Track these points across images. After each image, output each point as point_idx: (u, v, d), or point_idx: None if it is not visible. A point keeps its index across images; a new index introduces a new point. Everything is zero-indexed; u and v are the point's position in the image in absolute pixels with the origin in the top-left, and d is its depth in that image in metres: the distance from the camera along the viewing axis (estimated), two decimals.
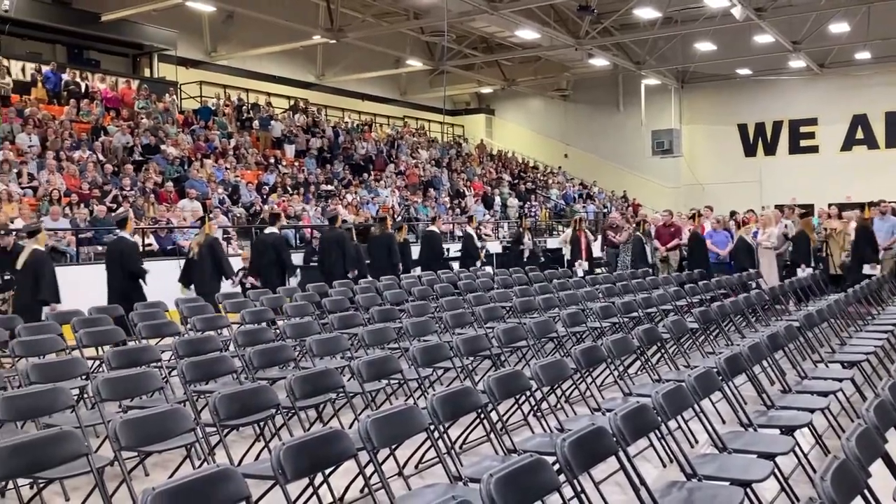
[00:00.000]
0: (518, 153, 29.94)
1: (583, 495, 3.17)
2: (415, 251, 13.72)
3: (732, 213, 14.60)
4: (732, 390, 4.82)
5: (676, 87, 28.54)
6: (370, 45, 23.47)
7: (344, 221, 12.97)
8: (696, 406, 4.26)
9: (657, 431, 4.14)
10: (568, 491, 3.14)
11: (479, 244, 14.91)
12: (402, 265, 12.19)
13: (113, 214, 12.09)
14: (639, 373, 6.95)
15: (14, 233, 9.87)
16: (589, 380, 5.57)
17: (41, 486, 4.30)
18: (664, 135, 27.47)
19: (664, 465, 4.87)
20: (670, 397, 3.97)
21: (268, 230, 11.16)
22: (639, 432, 3.72)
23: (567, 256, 13.77)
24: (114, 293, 9.03)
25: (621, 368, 6.05)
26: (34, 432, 3.99)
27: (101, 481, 3.55)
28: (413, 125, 28.90)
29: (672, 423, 4.31)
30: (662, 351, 6.84)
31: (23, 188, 13.03)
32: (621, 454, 3.43)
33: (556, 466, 3.11)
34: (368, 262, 12.17)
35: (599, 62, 25.41)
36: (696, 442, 5.19)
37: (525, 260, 14.65)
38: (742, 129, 27.94)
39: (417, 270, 12.95)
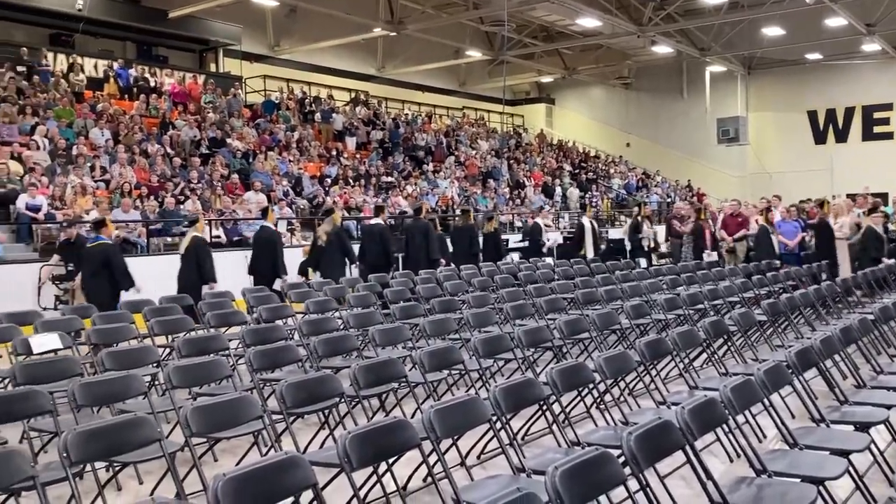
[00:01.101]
0: (579, 143, 29.63)
1: (648, 489, 3.13)
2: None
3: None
4: (803, 385, 4.69)
5: (743, 73, 27.80)
6: (430, 37, 23.50)
7: (430, 211, 13.16)
8: (765, 400, 4.16)
9: (725, 426, 4.06)
10: (633, 484, 3.10)
11: (547, 236, 14.54)
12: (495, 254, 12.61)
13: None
14: (704, 366, 6.81)
15: (76, 225, 10.25)
16: (653, 372, 5.48)
17: (117, 469, 4.45)
18: (730, 122, 26.81)
19: (731, 461, 4.77)
20: (739, 391, 3.88)
21: (373, 221, 11.58)
22: (706, 426, 3.65)
23: (629, 248, 13.53)
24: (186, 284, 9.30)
25: (686, 361, 5.94)
26: (109, 418, 4.13)
27: (172, 466, 3.66)
28: (472, 116, 28.85)
29: (740, 418, 4.21)
30: (729, 344, 6.69)
31: (96, 181, 13.47)
32: (688, 448, 3.37)
33: (621, 459, 3.08)
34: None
35: (663, 49, 24.92)
36: (765, 437, 5.07)
37: (647, 250, 13.44)
38: (812, 115, 27.08)
39: (515, 257, 13.16)
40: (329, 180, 17.54)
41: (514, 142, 27.05)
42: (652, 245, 13.70)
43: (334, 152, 19.52)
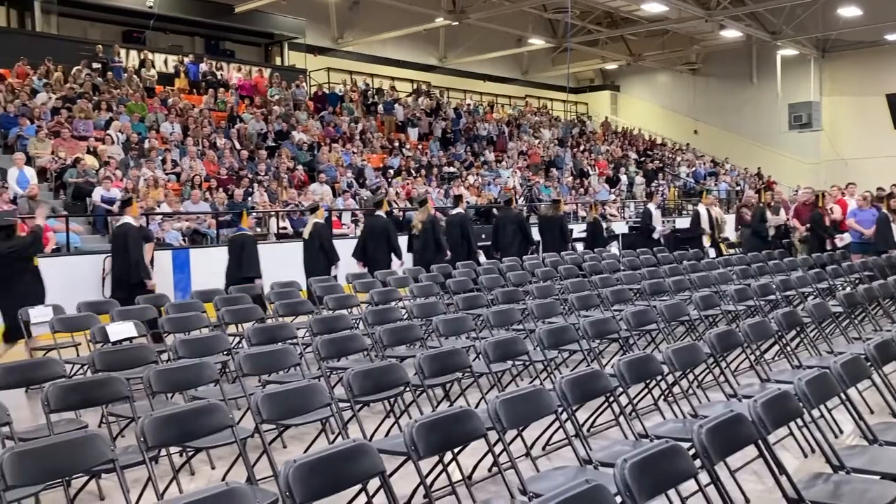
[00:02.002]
0: (644, 130, 29.13)
1: (719, 483, 3.06)
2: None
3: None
4: (883, 378, 4.53)
5: (816, 56, 26.86)
6: (492, 26, 23.39)
7: (511, 202, 13.33)
8: (842, 394, 4.02)
9: (799, 420, 3.94)
10: (703, 478, 3.04)
11: (660, 227, 14.00)
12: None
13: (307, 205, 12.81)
14: (776, 358, 6.64)
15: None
16: (723, 365, 5.36)
17: (190, 454, 4.58)
18: (802, 108, 25.99)
19: (805, 456, 4.63)
20: (814, 384, 3.76)
21: (454, 211, 11.81)
22: (780, 420, 3.55)
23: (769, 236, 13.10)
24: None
25: (758, 353, 5.79)
26: (183, 404, 4.25)
27: (244, 451, 3.74)
28: (535, 104, 28.63)
29: (815, 412, 4.09)
30: (802, 336, 6.50)
31: (167, 174, 13.86)
32: (761, 442, 3.29)
33: (691, 452, 3.02)
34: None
35: (731, 33, 24.28)
36: (841, 432, 4.91)
37: (770, 240, 12.38)
38: (891, 99, 25.98)
39: (579, 247, 13.16)
40: (392, 171, 17.65)
41: (577, 130, 26.75)
42: (773, 234, 12.74)
43: (396, 143, 19.64)
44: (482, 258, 11.56)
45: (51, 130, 13.73)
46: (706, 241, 12.87)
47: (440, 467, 3.82)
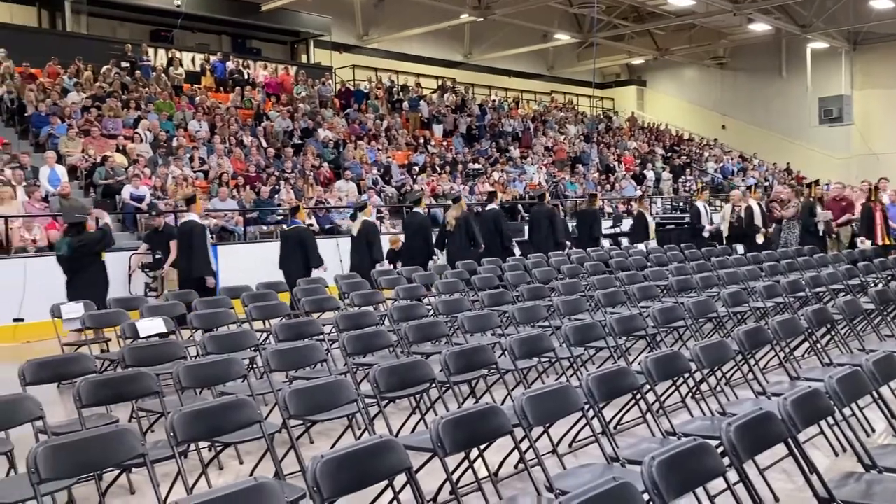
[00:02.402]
0: (672, 125, 28.87)
1: (748, 482, 3.03)
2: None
3: None
4: None
5: (847, 49, 26.42)
6: (517, 21, 23.31)
7: (545, 196, 13.38)
8: (874, 393, 3.96)
9: (830, 418, 3.89)
10: (732, 476, 3.01)
11: (709, 225, 13.68)
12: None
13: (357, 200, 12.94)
14: (806, 356, 6.56)
15: (163, 213, 10.68)
16: (752, 362, 5.31)
17: (218, 449, 4.62)
18: (833, 102, 25.59)
19: (836, 455, 4.58)
20: (846, 382, 3.71)
21: (488, 207, 11.98)
22: (810, 419, 3.51)
23: (726, 233, 13.06)
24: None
25: (787, 351, 5.73)
26: (211, 399, 4.29)
27: (271, 447, 3.77)
28: (560, 100, 28.49)
29: (846, 411, 4.03)
30: (833, 333, 6.41)
31: (195, 171, 13.99)
32: (791, 441, 3.25)
33: (720, 450, 2.99)
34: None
35: (760, 27, 23.96)
36: (873, 431, 4.84)
37: (822, 235, 12.12)
38: None
39: (606, 243, 13.19)
40: (416, 168, 17.67)
41: (603, 125, 26.58)
42: (825, 229, 12.47)
43: (421, 140, 19.66)
44: (517, 252, 11.63)
45: (81, 129, 13.92)
46: (760, 238, 12.66)
47: (466, 464, 3.82)
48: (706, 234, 13.27)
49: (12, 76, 15.15)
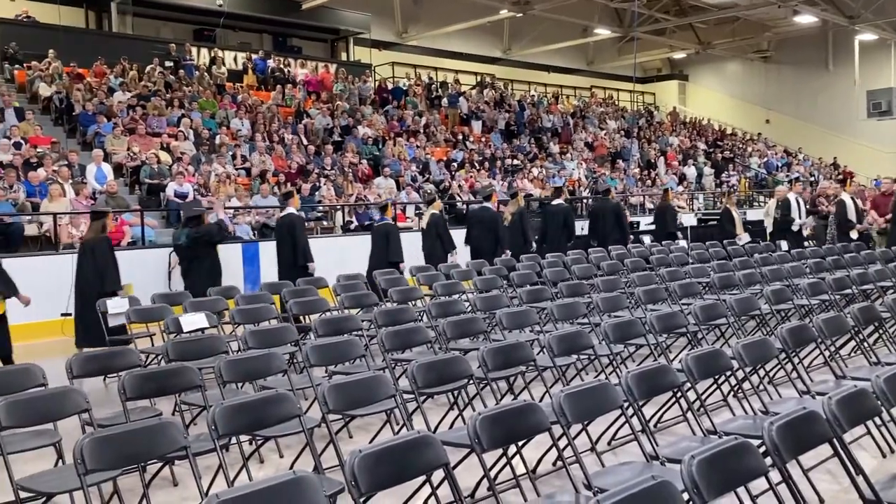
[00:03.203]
0: (714, 120, 28.45)
1: (791, 482, 2.98)
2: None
3: None
4: None
5: None
6: (557, 16, 23.17)
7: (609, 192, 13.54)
8: None
9: (877, 419, 3.81)
10: (774, 476, 2.96)
11: (801, 219, 12.94)
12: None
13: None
14: (852, 354, 6.42)
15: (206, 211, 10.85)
16: (796, 360, 5.21)
17: (259, 443, 4.69)
18: (882, 94, 25.00)
19: (884, 456, 4.47)
20: (894, 382, 3.62)
21: (555, 202, 12.10)
22: (856, 419, 3.42)
23: (769, 229, 12.82)
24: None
25: (832, 349, 5.61)
26: (252, 393, 4.35)
27: (311, 441, 3.81)
28: (601, 95, 28.26)
29: (894, 411, 3.94)
30: (881, 331, 6.26)
31: (237, 169, 14.18)
32: (836, 441, 3.18)
33: (762, 450, 2.94)
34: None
35: (806, 19, 23.47)
36: None
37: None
38: None
39: (647, 240, 13.17)
40: (455, 164, 17.67)
41: (644, 120, 26.29)
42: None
43: (460, 136, 19.65)
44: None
45: (126, 127, 14.20)
46: (795, 227, 12.39)
47: (504, 460, 3.82)
48: (795, 228, 12.54)
49: (60, 76, 15.52)
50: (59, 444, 4.09)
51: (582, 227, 13.07)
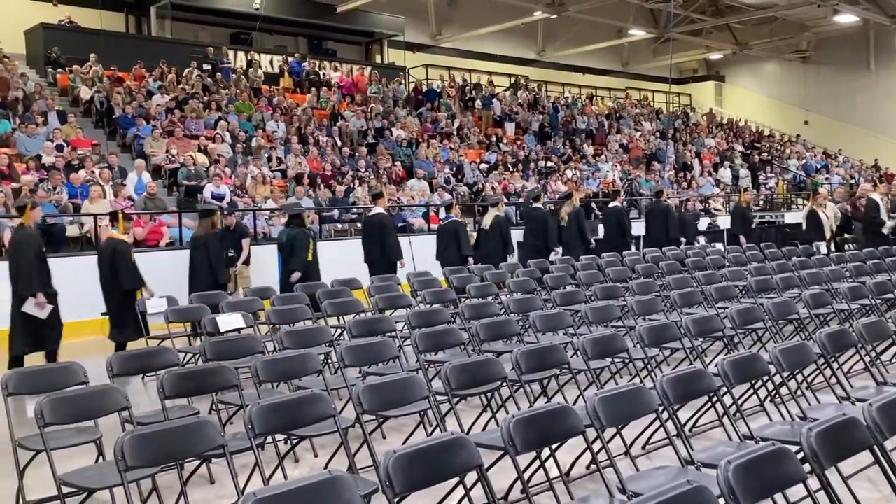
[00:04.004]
0: (751, 121, 28.06)
1: (829, 489, 2.93)
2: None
3: None
4: None
5: None
6: (591, 17, 23.05)
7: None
8: None
9: None
10: (812, 483, 2.92)
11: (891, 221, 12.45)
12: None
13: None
14: (894, 360, 6.30)
15: (235, 212, 10.97)
16: (835, 366, 5.12)
17: (294, 442, 4.73)
18: None
19: None
20: None
21: (611, 204, 12.56)
22: None
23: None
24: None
25: (873, 355, 5.51)
26: (287, 393, 4.39)
27: (345, 441, 3.84)
28: (635, 96, 28.03)
29: None
30: None
31: (273, 171, 14.33)
32: (876, 448, 3.13)
33: (800, 456, 2.90)
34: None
35: (847, 18, 23.06)
36: None
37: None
38: None
39: (703, 241, 13.34)
40: (487, 166, 17.65)
41: (680, 122, 26.03)
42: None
43: (493, 138, 19.63)
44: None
45: (165, 130, 14.43)
46: (822, 248, 12.14)
47: (537, 463, 3.81)
48: (886, 231, 12.00)
49: (101, 79, 15.82)
50: (100, 440, 4.17)
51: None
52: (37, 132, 13.12)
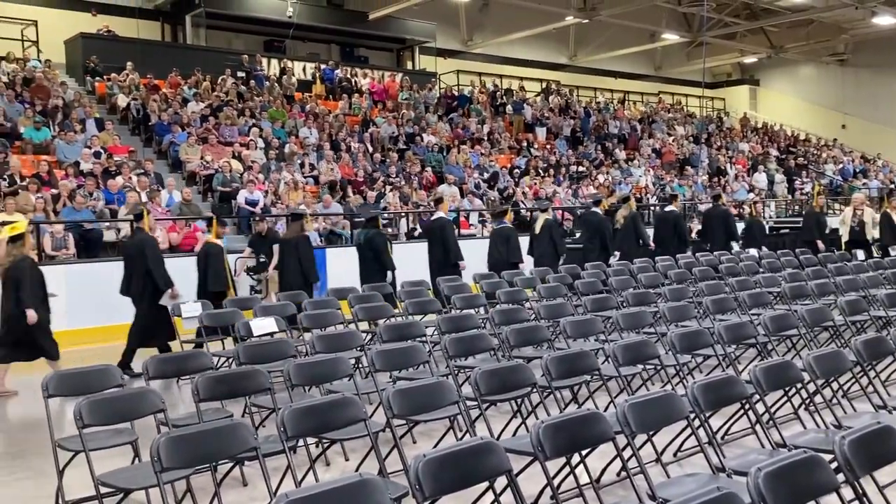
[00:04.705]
0: (786, 126, 27.68)
1: (865, 499, 2.89)
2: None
3: None
4: None
5: None
6: (623, 21, 22.93)
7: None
8: None
9: None
10: (846, 492, 2.88)
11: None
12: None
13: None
14: None
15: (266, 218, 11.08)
16: (871, 374, 5.04)
17: (325, 445, 4.77)
18: None
19: None
20: None
21: (668, 209, 12.75)
22: None
23: (844, 238, 12.41)
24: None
25: None
26: (319, 397, 4.43)
27: (376, 445, 3.87)
28: (668, 101, 27.81)
29: None
30: None
31: (305, 177, 14.46)
32: None
33: (833, 465, 2.87)
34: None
35: (885, 20, 22.67)
36: None
37: None
38: None
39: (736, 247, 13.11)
40: (518, 171, 17.64)
41: (714, 126, 25.76)
42: None
43: (524, 143, 19.61)
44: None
45: (199, 137, 14.64)
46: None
47: (567, 469, 3.81)
48: None
49: (138, 87, 16.11)
50: (136, 442, 4.25)
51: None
52: (75, 139, 13.40)
